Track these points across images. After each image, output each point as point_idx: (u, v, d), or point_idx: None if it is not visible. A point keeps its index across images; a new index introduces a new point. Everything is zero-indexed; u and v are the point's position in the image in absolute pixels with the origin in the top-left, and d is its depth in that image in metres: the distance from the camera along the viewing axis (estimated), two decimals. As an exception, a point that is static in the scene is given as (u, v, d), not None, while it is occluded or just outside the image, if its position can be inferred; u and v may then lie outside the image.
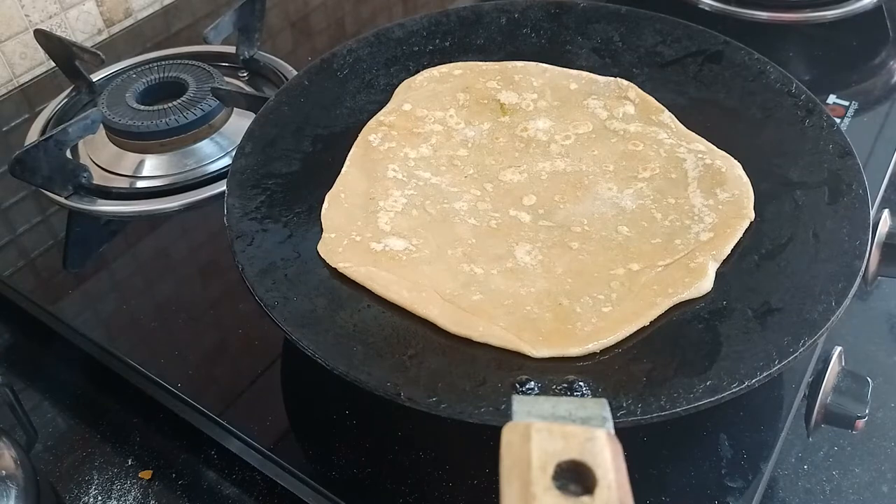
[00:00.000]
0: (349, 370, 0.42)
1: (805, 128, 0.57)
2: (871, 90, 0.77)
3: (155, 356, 0.55)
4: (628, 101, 0.63)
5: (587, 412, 0.29)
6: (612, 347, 0.46)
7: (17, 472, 0.45)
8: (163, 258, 0.64)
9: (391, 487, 0.46)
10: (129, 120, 0.71)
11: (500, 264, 0.51)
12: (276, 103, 0.61)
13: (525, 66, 0.66)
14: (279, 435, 0.50)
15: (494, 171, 0.58)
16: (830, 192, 0.52)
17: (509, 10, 0.69)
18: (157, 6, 0.97)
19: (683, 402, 0.40)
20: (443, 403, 0.41)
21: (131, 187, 0.70)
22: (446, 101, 0.63)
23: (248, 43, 0.82)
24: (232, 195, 0.53)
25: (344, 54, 0.65)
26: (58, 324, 0.59)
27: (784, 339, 0.43)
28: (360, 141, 0.60)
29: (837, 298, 0.44)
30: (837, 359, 0.53)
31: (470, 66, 0.66)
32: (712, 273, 0.49)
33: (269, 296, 0.47)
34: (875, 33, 0.83)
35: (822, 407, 0.52)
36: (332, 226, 0.53)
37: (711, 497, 0.45)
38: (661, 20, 0.66)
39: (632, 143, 0.59)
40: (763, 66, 0.61)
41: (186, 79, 0.75)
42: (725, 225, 0.52)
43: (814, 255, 0.49)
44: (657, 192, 0.55)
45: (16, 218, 0.68)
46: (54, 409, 0.57)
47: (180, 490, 0.51)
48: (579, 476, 0.26)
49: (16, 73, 0.86)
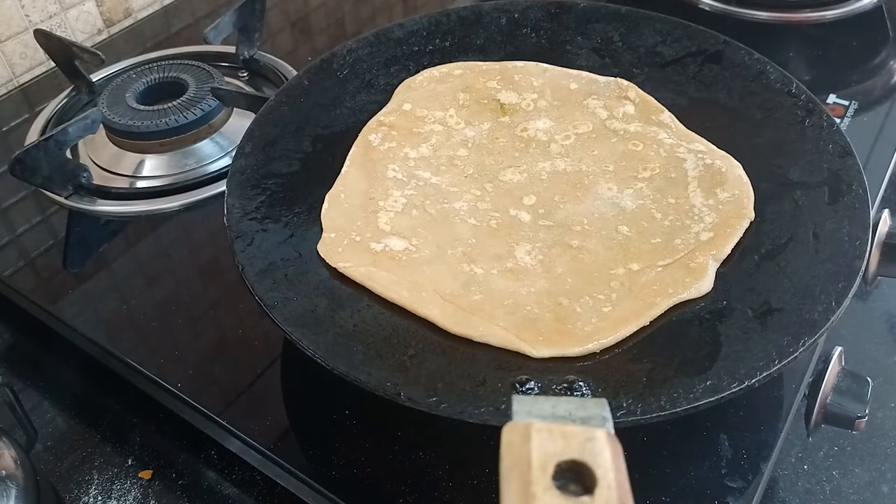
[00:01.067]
0: (349, 370, 0.42)
1: (805, 128, 0.57)
2: (871, 90, 0.76)
3: (155, 356, 0.55)
4: (628, 100, 0.63)
5: (587, 412, 0.29)
6: (612, 347, 0.46)
7: (17, 472, 0.45)
8: (163, 258, 0.64)
9: (391, 487, 0.46)
10: (129, 120, 0.71)
11: (500, 264, 0.51)
12: (276, 103, 0.61)
13: (525, 66, 0.66)
14: (279, 435, 0.50)
15: (494, 171, 0.58)
16: (830, 192, 0.52)
17: (509, 10, 0.69)
18: (157, 6, 0.97)
19: (683, 402, 0.40)
20: (443, 403, 0.41)
21: (131, 187, 0.70)
22: (446, 101, 0.63)
23: (248, 43, 0.82)
24: (232, 195, 0.53)
25: (344, 54, 0.65)
26: (58, 324, 0.59)
27: (784, 339, 0.43)
28: (360, 141, 0.60)
29: (837, 298, 0.44)
30: (837, 359, 0.53)
31: (470, 66, 0.66)
32: (712, 273, 0.49)
33: (269, 296, 0.47)
34: (875, 33, 0.83)
35: (822, 407, 0.52)
36: (332, 226, 0.53)
37: (711, 497, 0.45)
38: (661, 20, 0.66)
39: (632, 143, 0.59)
40: (763, 65, 0.61)
41: (186, 79, 0.75)
42: (725, 225, 0.52)
43: (814, 255, 0.49)
44: (657, 191, 0.55)
45: (16, 218, 0.68)
46: (54, 409, 0.57)
47: (180, 490, 0.51)
48: (579, 476, 0.26)
49: (16, 73, 0.86)
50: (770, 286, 0.48)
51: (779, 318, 0.45)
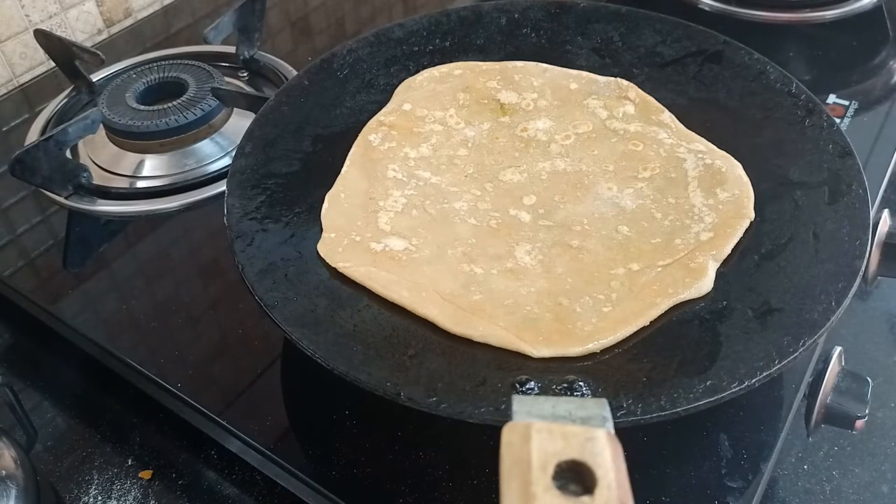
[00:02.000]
0: (349, 370, 0.42)
1: (805, 128, 0.57)
2: (871, 90, 0.77)
3: (155, 356, 0.55)
4: (628, 100, 0.63)
5: (587, 412, 0.29)
6: (612, 347, 0.46)
7: (17, 472, 0.45)
8: (163, 258, 0.64)
9: (391, 487, 0.46)
10: (129, 120, 0.71)
11: (500, 264, 0.51)
12: (276, 103, 0.61)
13: (525, 65, 0.66)
14: (279, 435, 0.50)
15: (494, 171, 0.58)
16: (830, 192, 0.52)
17: (509, 10, 0.69)
18: (157, 6, 0.97)
19: (683, 402, 0.40)
20: (443, 403, 0.41)
21: (131, 187, 0.70)
22: (446, 101, 0.63)
23: (248, 43, 0.82)
24: (232, 195, 0.53)
25: (344, 54, 0.65)
26: (58, 324, 0.59)
27: (784, 338, 0.43)
28: (360, 141, 0.60)
29: (837, 298, 0.44)
30: (837, 359, 0.53)
31: (470, 66, 0.66)
32: (712, 273, 0.49)
33: (269, 296, 0.47)
34: (875, 33, 0.83)
35: (822, 407, 0.52)
36: (332, 226, 0.53)
37: (711, 497, 0.45)
38: (661, 20, 0.66)
39: (632, 143, 0.59)
40: (763, 65, 0.61)
41: (186, 79, 0.75)
42: (725, 225, 0.52)
43: (814, 255, 0.49)
44: (657, 191, 0.55)
45: (16, 218, 0.68)
46: (54, 409, 0.57)
47: (180, 490, 0.51)
48: (579, 476, 0.26)
49: (16, 73, 0.86)
50: (770, 286, 0.48)
51: (779, 318, 0.45)
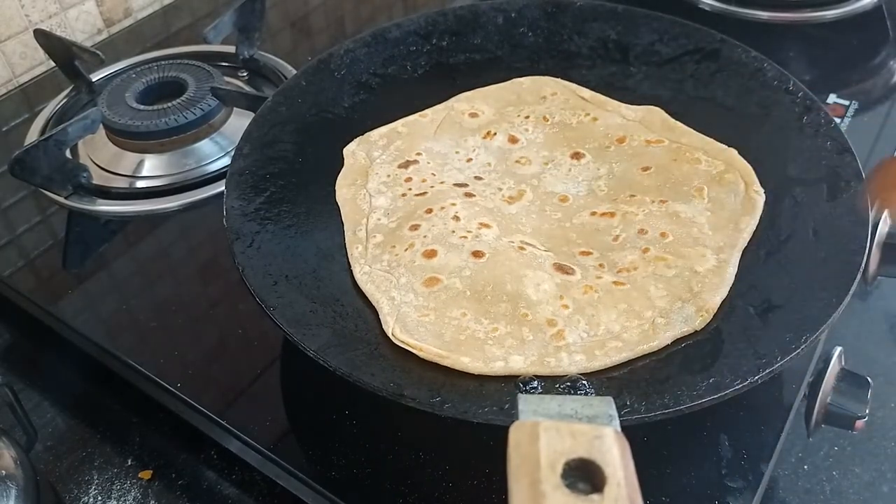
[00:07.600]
0: (352, 371, 0.42)
1: (803, 125, 0.57)
2: (871, 90, 0.77)
3: (155, 356, 0.55)
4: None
5: (593, 410, 0.29)
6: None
7: (17, 472, 0.45)
8: (163, 258, 0.64)
9: (391, 487, 0.46)
10: (129, 120, 0.71)
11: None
12: (274, 104, 0.61)
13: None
14: (279, 435, 0.50)
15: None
16: (829, 189, 0.52)
17: (506, 9, 0.69)
18: (156, 6, 0.97)
19: (687, 399, 0.40)
20: (447, 403, 0.41)
21: (131, 187, 0.70)
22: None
23: (247, 43, 0.82)
24: (231, 197, 0.53)
25: (341, 55, 0.65)
26: (58, 324, 0.59)
27: (786, 335, 0.43)
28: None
29: (838, 294, 0.44)
30: (837, 359, 0.53)
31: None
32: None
33: (270, 296, 0.46)
34: (875, 33, 0.83)
35: (822, 407, 0.51)
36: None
37: (711, 497, 0.45)
38: (658, 18, 0.66)
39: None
40: (760, 63, 0.61)
41: (186, 79, 0.75)
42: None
43: (814, 252, 0.49)
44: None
45: (16, 218, 0.68)
46: (54, 409, 0.57)
47: (180, 490, 0.51)
48: (588, 474, 0.26)
49: (16, 73, 0.86)
50: (771, 283, 0.48)
51: (780, 315, 0.45)
